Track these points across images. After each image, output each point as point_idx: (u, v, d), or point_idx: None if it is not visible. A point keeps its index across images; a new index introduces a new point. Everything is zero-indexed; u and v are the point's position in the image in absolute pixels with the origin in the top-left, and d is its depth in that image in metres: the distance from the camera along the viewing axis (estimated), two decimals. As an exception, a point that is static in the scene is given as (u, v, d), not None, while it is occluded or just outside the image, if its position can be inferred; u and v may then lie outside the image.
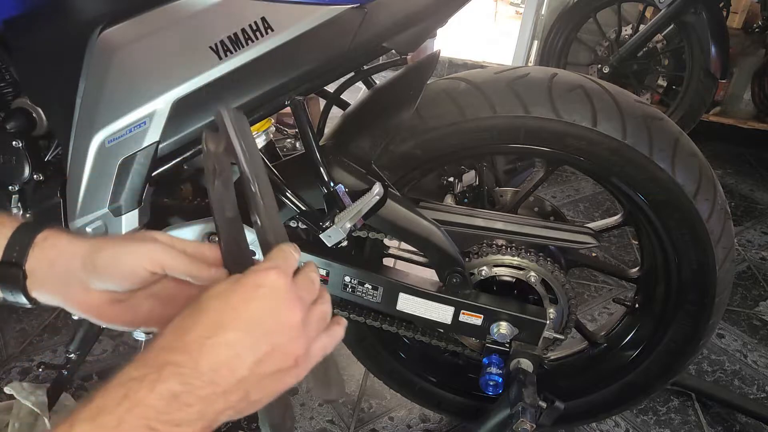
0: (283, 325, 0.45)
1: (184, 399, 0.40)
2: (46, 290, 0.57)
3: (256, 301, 0.45)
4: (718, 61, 2.50)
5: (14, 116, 0.89)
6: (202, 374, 0.41)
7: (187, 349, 0.42)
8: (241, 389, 0.43)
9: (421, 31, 0.84)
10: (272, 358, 0.44)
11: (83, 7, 0.81)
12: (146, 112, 0.81)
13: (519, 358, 0.97)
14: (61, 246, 0.56)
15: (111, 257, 0.54)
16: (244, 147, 0.55)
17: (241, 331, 0.43)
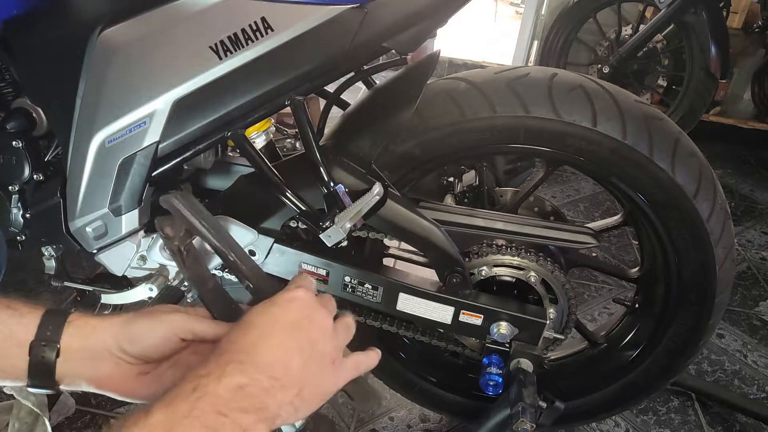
0: (318, 327, 0.54)
1: (248, 390, 0.46)
2: (76, 369, 0.59)
3: (292, 311, 0.53)
4: (718, 61, 2.50)
5: (14, 116, 0.89)
6: (262, 369, 0.48)
7: (244, 350, 0.49)
8: (296, 384, 0.50)
9: (421, 31, 0.84)
10: (314, 356, 0.52)
11: (83, 7, 0.81)
12: (146, 112, 0.81)
13: (519, 358, 0.97)
14: (94, 323, 0.60)
15: (145, 328, 0.59)
16: (205, 224, 0.61)
17: (284, 335, 0.51)
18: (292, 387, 0.49)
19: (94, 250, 0.93)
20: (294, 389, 0.49)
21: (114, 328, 0.59)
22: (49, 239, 0.97)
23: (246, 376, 0.46)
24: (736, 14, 2.86)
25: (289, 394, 0.49)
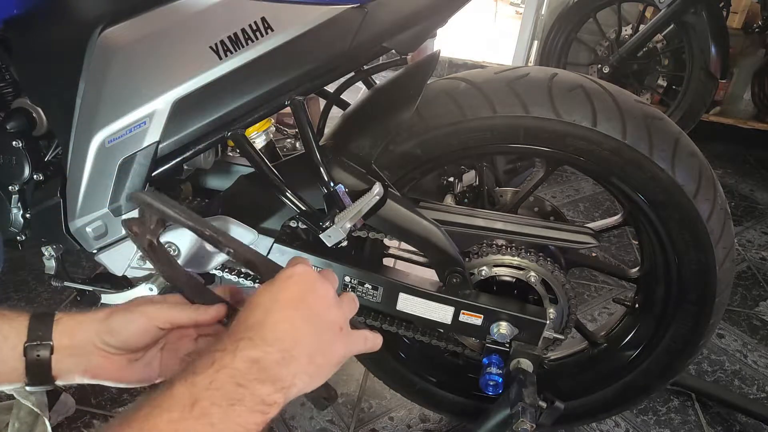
0: (321, 297, 0.55)
1: (262, 363, 0.48)
2: (69, 364, 0.62)
3: (292, 285, 0.55)
4: (718, 61, 2.50)
5: (14, 116, 0.89)
6: (271, 343, 0.50)
7: (252, 328, 0.51)
8: (306, 353, 0.52)
9: (421, 31, 0.84)
10: (321, 325, 0.54)
11: (83, 7, 0.81)
12: (146, 112, 0.81)
13: (519, 358, 0.97)
14: (79, 319, 0.62)
15: (123, 321, 0.62)
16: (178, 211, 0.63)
17: (288, 309, 0.53)
18: (303, 356, 0.51)
19: (94, 250, 0.93)
20: (305, 358, 0.51)
21: (95, 324, 0.62)
22: (49, 239, 0.97)
23: (258, 350, 0.49)
24: (736, 14, 2.86)
25: (302, 364, 0.51)
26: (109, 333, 0.61)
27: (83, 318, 0.63)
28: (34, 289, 1.62)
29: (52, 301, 1.58)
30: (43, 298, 1.59)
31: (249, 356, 0.48)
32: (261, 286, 0.56)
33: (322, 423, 1.30)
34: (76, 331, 0.62)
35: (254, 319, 0.52)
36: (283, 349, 0.50)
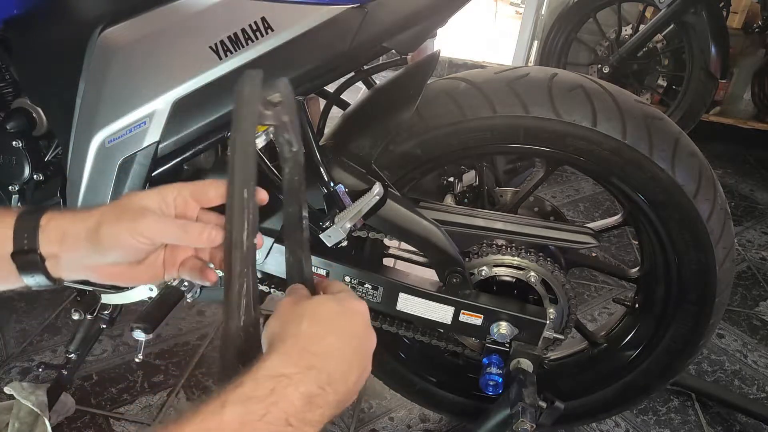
0: (368, 350, 0.54)
1: (316, 401, 0.45)
2: (65, 269, 0.59)
3: (358, 325, 0.53)
4: (718, 61, 2.50)
5: (14, 116, 0.89)
6: (331, 382, 0.47)
7: (323, 356, 0.47)
8: (348, 398, 0.50)
9: (421, 31, 0.84)
10: (364, 374, 0.52)
11: (83, 7, 0.81)
12: (146, 112, 0.81)
13: (519, 358, 0.97)
14: (64, 227, 0.57)
15: (110, 238, 0.56)
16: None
17: (353, 350, 0.50)
18: (344, 401, 0.49)
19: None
20: (346, 402, 0.50)
21: (84, 234, 0.57)
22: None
23: (319, 387, 0.46)
24: (736, 14, 2.86)
25: (341, 407, 0.49)
26: (99, 253, 0.57)
27: (70, 225, 0.57)
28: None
29: (52, 301, 1.58)
30: (43, 298, 1.59)
31: (309, 392, 0.45)
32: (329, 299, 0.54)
33: (322, 423, 1.30)
34: (64, 242, 0.57)
35: (326, 344, 0.48)
36: (336, 391, 0.47)
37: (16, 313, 1.53)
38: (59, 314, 1.54)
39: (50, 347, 1.44)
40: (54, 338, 1.46)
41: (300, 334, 0.48)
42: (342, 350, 0.49)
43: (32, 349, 1.43)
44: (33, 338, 1.46)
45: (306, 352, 0.47)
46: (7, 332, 1.47)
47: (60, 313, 1.55)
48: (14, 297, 1.59)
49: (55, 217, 0.58)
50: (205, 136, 0.85)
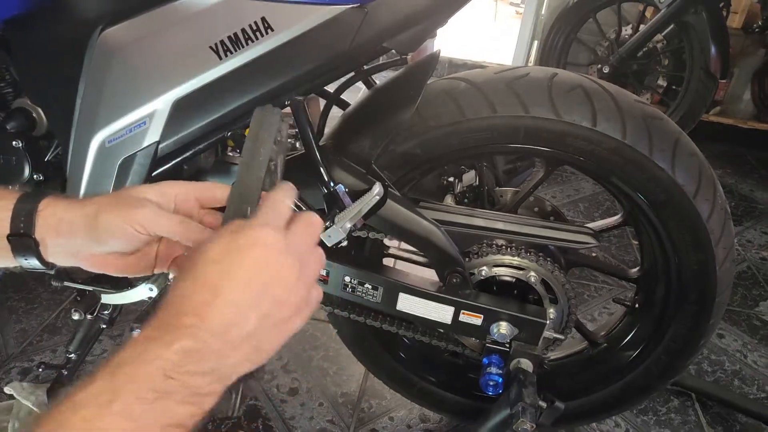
0: (280, 280, 0.47)
1: (198, 354, 0.43)
2: (58, 255, 0.60)
3: (250, 262, 0.46)
4: (718, 61, 2.50)
5: (14, 116, 0.89)
6: (214, 331, 0.44)
7: (196, 312, 0.44)
8: (251, 343, 0.46)
9: (421, 31, 0.84)
10: (275, 311, 0.47)
11: (83, 7, 0.81)
12: (146, 112, 0.81)
13: (519, 358, 0.97)
14: (60, 214, 0.58)
15: (107, 226, 0.56)
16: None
17: (241, 291, 0.45)
18: (246, 346, 0.46)
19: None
20: (249, 347, 0.46)
21: (81, 221, 0.57)
22: (49, 239, 0.97)
23: (197, 341, 0.43)
24: (736, 14, 2.86)
25: (244, 352, 0.46)
26: (96, 243, 0.57)
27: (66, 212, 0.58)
28: (34, 289, 1.62)
29: (52, 301, 1.58)
30: (43, 298, 1.59)
31: (184, 347, 0.42)
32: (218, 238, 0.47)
33: (322, 423, 1.30)
34: (60, 229, 0.58)
35: (200, 299, 0.45)
36: (225, 341, 0.44)
37: (16, 313, 1.53)
38: (59, 314, 1.54)
39: (50, 347, 1.44)
40: (54, 338, 1.46)
41: (176, 295, 0.46)
42: (225, 297, 0.45)
43: (32, 349, 1.43)
44: (33, 338, 1.46)
45: (176, 314, 0.44)
46: (7, 332, 1.47)
47: (60, 313, 1.55)
48: (14, 297, 1.59)
49: (53, 203, 0.58)
50: (205, 136, 0.85)
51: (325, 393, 1.38)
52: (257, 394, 1.36)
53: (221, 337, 0.44)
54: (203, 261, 0.47)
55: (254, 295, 0.46)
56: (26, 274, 1.66)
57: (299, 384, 1.39)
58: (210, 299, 0.45)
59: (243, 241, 0.47)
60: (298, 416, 1.31)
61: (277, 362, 1.45)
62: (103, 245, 0.57)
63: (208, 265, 0.46)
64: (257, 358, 0.48)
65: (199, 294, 0.45)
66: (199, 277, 0.46)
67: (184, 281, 0.46)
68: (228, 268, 0.46)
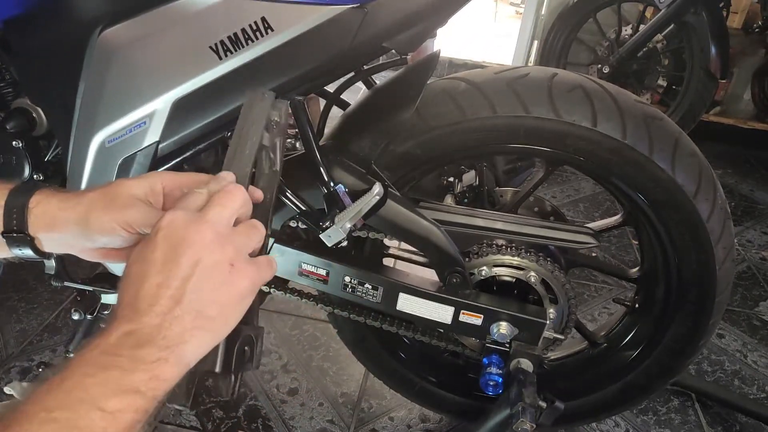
0: (197, 244, 0.48)
1: (137, 334, 0.45)
2: (53, 248, 0.61)
3: (161, 242, 0.49)
4: (718, 61, 2.50)
5: (14, 116, 0.89)
6: (145, 311, 0.46)
7: (127, 305, 0.47)
8: (191, 309, 0.47)
9: (421, 31, 0.84)
10: (202, 274, 0.48)
11: (83, 7, 0.81)
12: (146, 112, 0.81)
13: (519, 358, 0.97)
14: (53, 212, 0.59)
15: (98, 226, 0.57)
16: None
17: (162, 270, 0.47)
18: (187, 314, 0.47)
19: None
20: (191, 315, 0.47)
21: (73, 220, 0.58)
22: (49, 239, 0.97)
23: (131, 324, 0.45)
24: (736, 14, 2.86)
25: (188, 321, 0.47)
26: (87, 236, 0.58)
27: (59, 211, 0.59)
28: (34, 289, 1.62)
29: (52, 301, 1.58)
30: (43, 298, 1.59)
31: (122, 331, 0.45)
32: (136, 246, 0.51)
33: (322, 423, 1.30)
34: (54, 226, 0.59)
35: (129, 294, 0.47)
36: (159, 314, 0.46)
37: (16, 313, 1.53)
38: (59, 314, 1.54)
39: (50, 347, 1.44)
40: (54, 338, 1.46)
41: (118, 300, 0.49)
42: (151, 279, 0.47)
43: (32, 349, 1.43)
44: (33, 338, 1.46)
45: (117, 309, 0.47)
46: (7, 332, 1.47)
47: (60, 313, 1.55)
48: (14, 297, 1.59)
49: (44, 201, 0.59)
50: (205, 136, 0.85)
51: (325, 393, 1.38)
52: (257, 394, 1.36)
53: (153, 313, 0.46)
54: (129, 263, 0.50)
55: (173, 268, 0.47)
56: (26, 274, 1.66)
57: (299, 384, 1.39)
58: (135, 289, 0.47)
59: (152, 232, 0.50)
60: (298, 416, 1.31)
61: (277, 362, 1.45)
62: (96, 242, 0.59)
63: (128, 266, 0.50)
64: (210, 324, 0.48)
65: (127, 292, 0.48)
66: (125, 279, 0.49)
67: (119, 291, 0.49)
68: (144, 257, 0.48)
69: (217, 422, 1.28)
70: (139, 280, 0.47)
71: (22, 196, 0.59)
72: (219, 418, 1.28)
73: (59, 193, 0.61)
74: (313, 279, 0.97)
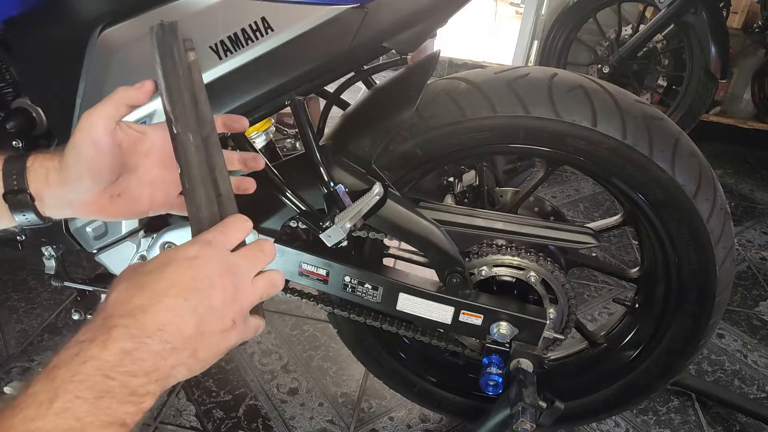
0: (217, 290, 0.49)
1: (136, 354, 0.44)
2: (54, 207, 0.63)
3: (189, 270, 0.49)
4: (718, 61, 2.50)
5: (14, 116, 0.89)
6: (151, 333, 0.45)
7: (132, 315, 0.45)
8: (189, 347, 0.47)
9: (421, 31, 0.84)
10: (211, 319, 0.49)
11: (83, 7, 0.81)
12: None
13: (519, 358, 0.97)
14: (47, 164, 0.62)
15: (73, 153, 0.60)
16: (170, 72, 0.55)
17: (178, 297, 0.47)
18: (185, 349, 0.47)
19: (94, 250, 0.93)
20: (187, 351, 0.47)
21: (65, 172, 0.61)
22: (50, 239, 0.97)
23: (134, 341, 0.44)
24: (736, 14, 2.87)
25: (182, 356, 0.47)
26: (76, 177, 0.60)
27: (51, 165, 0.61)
28: (34, 289, 1.62)
29: (52, 301, 1.58)
30: (43, 298, 1.59)
31: (121, 347, 0.43)
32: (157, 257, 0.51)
33: (322, 423, 1.30)
34: (50, 177, 0.61)
35: (136, 302, 0.46)
36: (163, 340, 0.45)
37: (16, 313, 1.53)
38: (59, 314, 1.54)
39: (50, 347, 1.44)
40: (54, 338, 1.46)
41: (109, 303, 0.47)
42: (162, 302, 0.46)
43: (32, 349, 1.43)
44: (33, 338, 1.46)
45: (112, 316, 0.46)
46: (7, 332, 1.47)
47: (60, 313, 1.55)
48: (14, 297, 1.59)
49: (40, 158, 0.62)
50: (205, 136, 0.85)
51: (325, 393, 1.38)
52: (257, 394, 1.36)
53: (159, 337, 0.45)
54: (141, 270, 0.49)
55: (192, 301, 0.48)
56: (26, 274, 1.66)
57: (299, 384, 1.39)
58: (147, 303, 0.46)
59: (185, 254, 0.50)
60: (298, 416, 1.31)
61: (277, 362, 1.45)
62: (84, 179, 0.60)
63: (146, 274, 0.48)
64: (195, 364, 0.49)
65: (135, 298, 0.47)
66: (135, 284, 0.48)
67: (119, 289, 0.48)
68: (166, 278, 0.48)
69: (217, 422, 1.28)
70: (155, 295, 0.47)
71: (19, 159, 0.62)
72: (219, 418, 1.28)
73: (52, 153, 0.63)
74: (313, 279, 0.97)
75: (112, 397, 0.42)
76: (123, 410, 0.43)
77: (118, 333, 0.44)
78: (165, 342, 0.46)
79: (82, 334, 0.45)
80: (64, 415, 0.40)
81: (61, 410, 0.40)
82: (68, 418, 0.40)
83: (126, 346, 0.44)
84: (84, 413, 0.41)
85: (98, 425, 0.41)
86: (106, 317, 0.46)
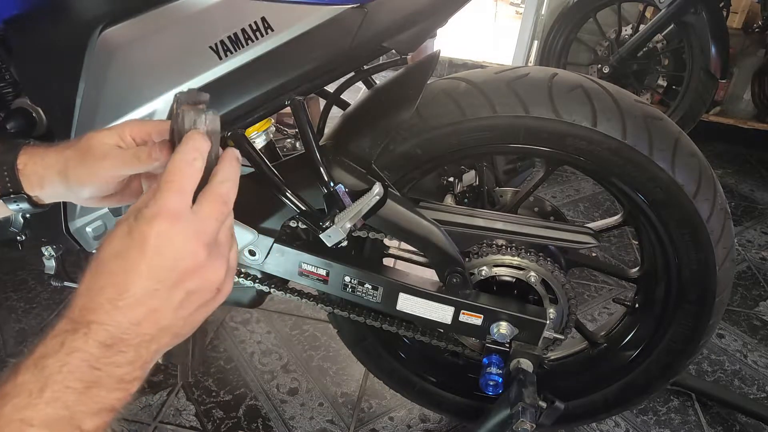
0: (189, 268, 0.46)
1: (117, 347, 0.44)
2: (47, 199, 0.63)
3: (152, 253, 0.45)
4: (718, 61, 2.50)
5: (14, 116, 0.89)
6: (127, 329, 0.44)
7: (104, 310, 0.44)
8: (170, 332, 0.47)
9: (421, 31, 0.84)
10: (191, 299, 0.47)
11: (83, 7, 0.81)
12: (146, 112, 0.81)
13: (519, 358, 0.97)
14: (40, 172, 0.61)
15: (78, 180, 0.58)
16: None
17: (148, 286, 0.45)
18: (165, 335, 0.46)
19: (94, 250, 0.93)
20: (168, 336, 0.47)
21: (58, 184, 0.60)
22: (49, 239, 0.97)
23: (111, 338, 0.44)
24: (736, 14, 2.86)
25: (164, 341, 0.47)
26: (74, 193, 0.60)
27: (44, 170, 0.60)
28: (34, 289, 1.62)
29: (51, 301, 1.58)
30: (42, 298, 1.59)
31: (101, 342, 0.43)
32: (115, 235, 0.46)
33: (322, 423, 1.30)
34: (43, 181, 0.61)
35: (105, 296, 0.44)
36: (140, 334, 0.45)
37: (16, 312, 1.53)
38: (59, 314, 1.54)
39: (50, 347, 1.43)
40: (54, 338, 1.46)
41: (81, 291, 0.46)
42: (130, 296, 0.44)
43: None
44: (32, 338, 1.46)
45: (84, 309, 0.44)
46: (6, 332, 1.47)
47: (60, 313, 1.55)
48: (13, 297, 1.59)
49: (31, 161, 0.61)
50: (205, 136, 0.85)
51: (325, 393, 1.38)
52: (257, 394, 1.36)
53: (135, 332, 0.45)
54: (107, 254, 0.46)
55: (164, 288, 0.45)
56: (26, 274, 1.66)
57: (299, 384, 1.39)
58: (115, 296, 0.44)
59: (141, 232, 0.45)
60: (298, 416, 1.31)
61: (277, 362, 1.45)
62: (81, 194, 0.60)
63: (111, 260, 0.45)
64: (179, 339, 0.49)
65: (104, 292, 0.44)
66: (103, 272, 0.45)
67: (90, 275, 0.46)
68: (130, 261, 0.45)
69: (217, 422, 1.28)
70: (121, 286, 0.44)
71: (8, 154, 0.61)
72: (219, 418, 1.28)
73: (42, 150, 0.62)
74: (313, 279, 0.97)
75: (101, 387, 0.43)
76: (112, 397, 0.44)
77: (95, 329, 0.43)
78: (143, 335, 0.45)
79: (65, 324, 0.44)
80: (54, 404, 0.41)
81: (51, 399, 0.41)
82: (58, 408, 0.41)
83: (105, 341, 0.43)
84: (73, 402, 0.41)
85: (88, 413, 0.42)
86: (82, 308, 0.44)
